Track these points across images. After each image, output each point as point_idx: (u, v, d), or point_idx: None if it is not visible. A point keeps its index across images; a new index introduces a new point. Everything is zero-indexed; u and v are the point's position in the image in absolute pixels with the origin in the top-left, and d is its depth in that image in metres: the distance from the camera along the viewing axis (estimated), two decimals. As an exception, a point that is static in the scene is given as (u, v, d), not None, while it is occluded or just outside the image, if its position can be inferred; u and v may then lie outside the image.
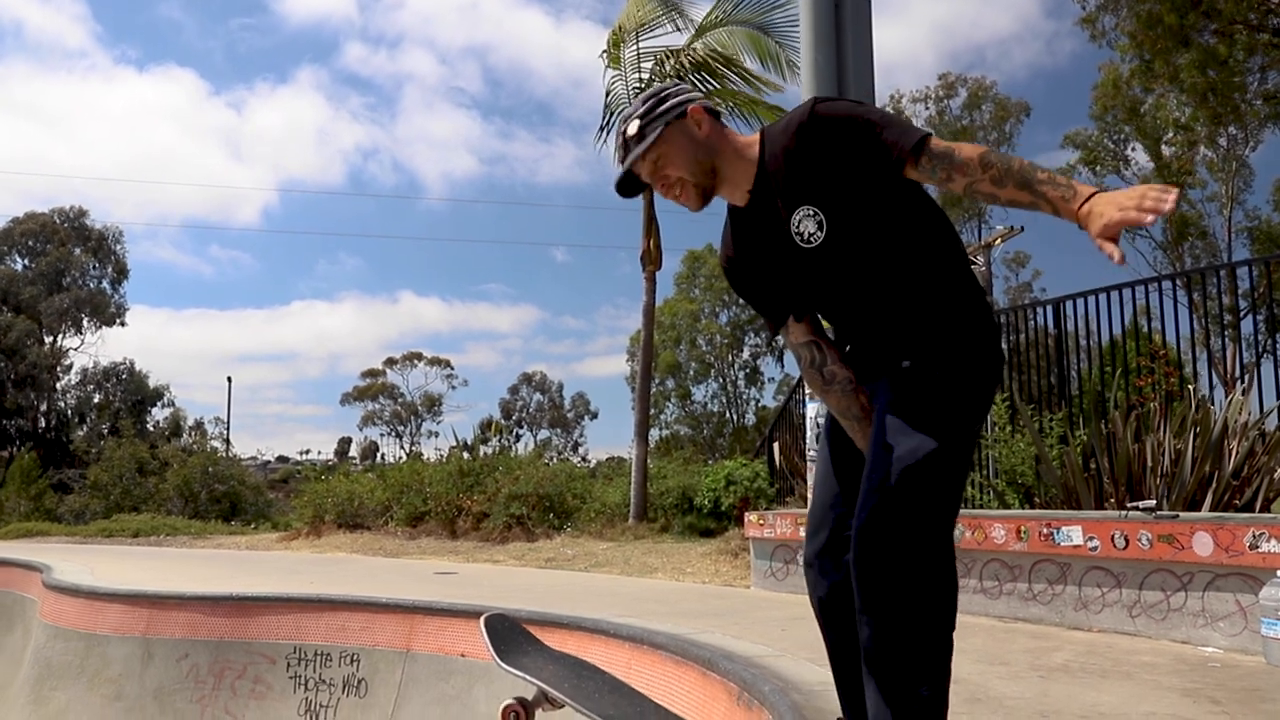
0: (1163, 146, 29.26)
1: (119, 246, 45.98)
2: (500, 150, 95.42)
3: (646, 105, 2.28)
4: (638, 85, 12.53)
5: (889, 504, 2.09)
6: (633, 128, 2.26)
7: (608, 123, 13.09)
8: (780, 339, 2.50)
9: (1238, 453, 5.35)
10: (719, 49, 12.30)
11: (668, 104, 2.26)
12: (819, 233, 2.21)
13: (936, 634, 2.09)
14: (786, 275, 2.34)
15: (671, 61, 12.33)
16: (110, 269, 45.62)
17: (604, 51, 12.81)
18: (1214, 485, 5.23)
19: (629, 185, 2.35)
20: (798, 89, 8.96)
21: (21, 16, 78.09)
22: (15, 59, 78.02)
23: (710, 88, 12.41)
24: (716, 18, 12.35)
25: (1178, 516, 4.73)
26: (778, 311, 2.40)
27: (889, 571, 2.06)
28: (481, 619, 2.77)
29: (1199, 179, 30.24)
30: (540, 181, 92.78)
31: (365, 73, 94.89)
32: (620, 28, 12.41)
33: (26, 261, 44.38)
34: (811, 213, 2.20)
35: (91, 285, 44.86)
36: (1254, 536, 4.26)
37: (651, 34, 12.50)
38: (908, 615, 2.06)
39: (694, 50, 12.31)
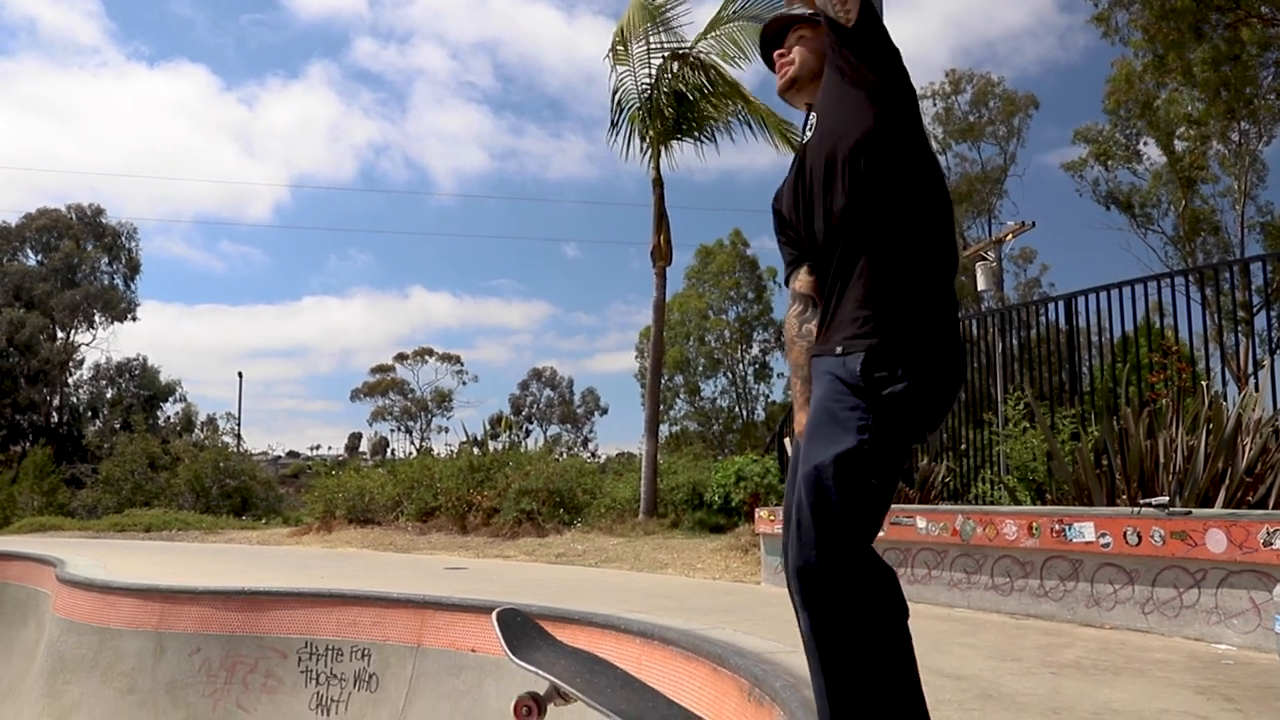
0: (1175, 141, 29.09)
1: (132, 243, 46.26)
2: (511, 145, 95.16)
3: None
4: (648, 81, 12.52)
5: (806, 502, 2.13)
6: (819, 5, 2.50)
7: (617, 119, 13.08)
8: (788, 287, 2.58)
9: (1251, 449, 5.32)
10: (732, 44, 12.27)
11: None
12: (808, 132, 2.39)
13: (866, 627, 2.11)
14: (793, 192, 2.45)
15: (677, 64, 12.35)
16: (123, 265, 45.87)
17: (608, 54, 12.77)
18: (1227, 482, 5.20)
19: (774, 37, 2.60)
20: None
21: (34, 14, 78.39)
22: (28, 56, 78.33)
23: (709, 90, 12.43)
24: (731, 13, 12.28)
25: (1190, 513, 4.71)
26: (797, 246, 2.51)
27: (810, 568, 2.12)
28: (494, 614, 2.77)
29: (1211, 174, 30.06)
30: (551, 177, 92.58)
31: (376, 68, 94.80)
32: (622, 31, 12.41)
33: (39, 257, 44.64)
34: (811, 113, 2.43)
35: (104, 281, 45.09)
36: (1268, 533, 4.23)
37: (658, 31, 12.44)
38: (835, 609, 2.11)
39: (697, 54, 12.35)
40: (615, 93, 12.96)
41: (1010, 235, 26.03)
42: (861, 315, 2.23)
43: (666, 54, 12.41)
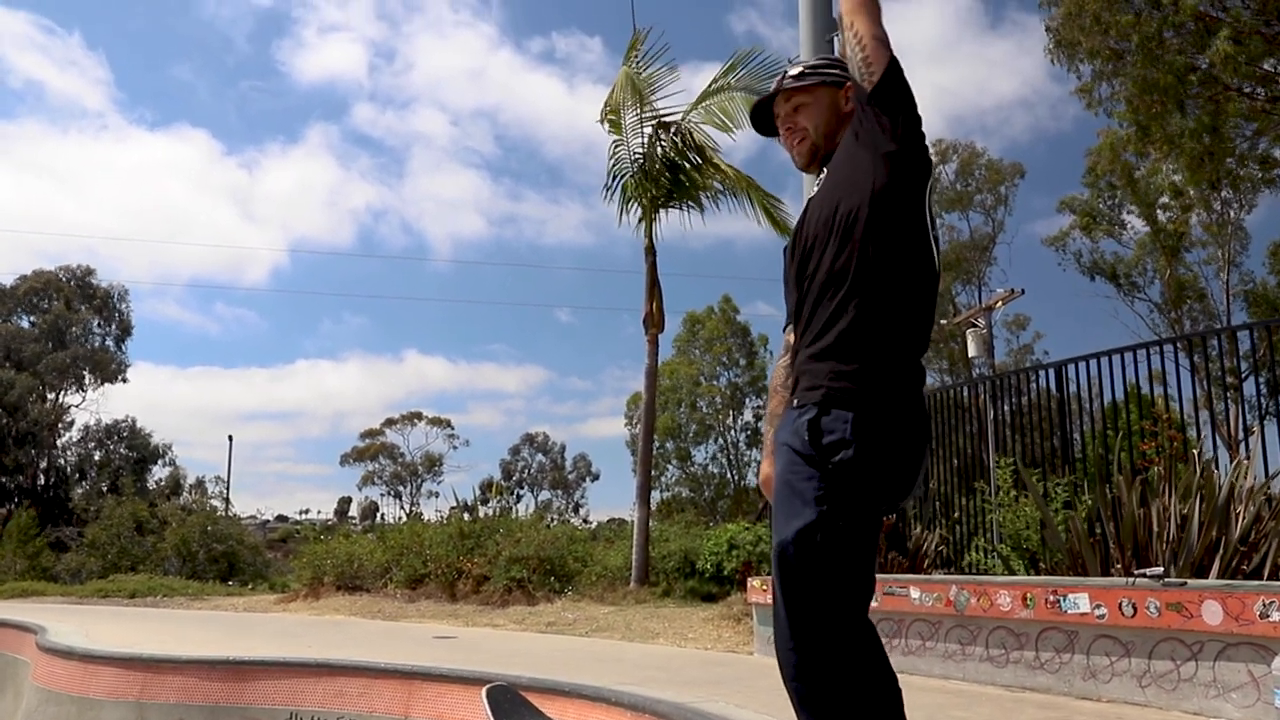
0: (1157, 211, 29.54)
1: (124, 305, 46.35)
2: (509, 211, 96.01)
3: (818, 62, 2.53)
4: (640, 150, 12.71)
5: (775, 580, 2.12)
6: (795, 70, 2.51)
7: (611, 184, 13.28)
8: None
9: (1244, 518, 5.31)
10: (723, 114, 12.48)
11: (834, 71, 2.47)
12: (816, 186, 2.39)
13: (850, 706, 2.06)
14: (793, 244, 2.43)
15: (666, 134, 12.57)
16: (114, 327, 45.89)
17: (599, 120, 13.01)
18: (1221, 551, 5.18)
19: (763, 118, 2.56)
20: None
21: (42, 79, 79.69)
22: (30, 119, 79.40)
23: (694, 162, 12.65)
24: (725, 84, 12.49)
25: (1186, 584, 4.68)
26: (794, 298, 2.45)
27: (784, 646, 2.10)
28: (483, 691, 2.73)
29: (1197, 240, 30.48)
30: (546, 243, 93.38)
31: (375, 133, 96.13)
32: (607, 105, 12.67)
33: (31, 319, 44.65)
34: (823, 172, 2.41)
35: (95, 342, 45.06)
36: (1264, 605, 4.21)
37: (646, 102, 12.66)
38: (813, 689, 2.07)
39: (685, 125, 12.59)
40: (612, 159, 13.18)
41: (999, 303, 26.30)
42: (815, 368, 2.20)
43: (655, 123, 12.62)
